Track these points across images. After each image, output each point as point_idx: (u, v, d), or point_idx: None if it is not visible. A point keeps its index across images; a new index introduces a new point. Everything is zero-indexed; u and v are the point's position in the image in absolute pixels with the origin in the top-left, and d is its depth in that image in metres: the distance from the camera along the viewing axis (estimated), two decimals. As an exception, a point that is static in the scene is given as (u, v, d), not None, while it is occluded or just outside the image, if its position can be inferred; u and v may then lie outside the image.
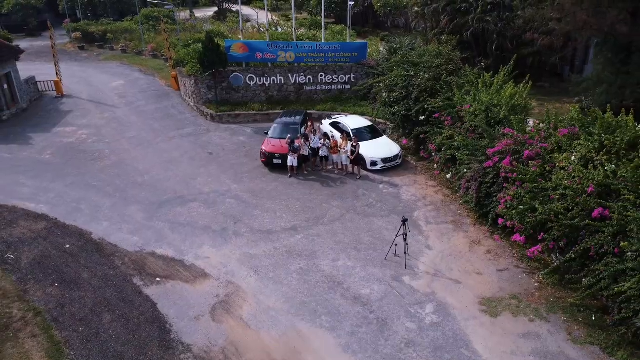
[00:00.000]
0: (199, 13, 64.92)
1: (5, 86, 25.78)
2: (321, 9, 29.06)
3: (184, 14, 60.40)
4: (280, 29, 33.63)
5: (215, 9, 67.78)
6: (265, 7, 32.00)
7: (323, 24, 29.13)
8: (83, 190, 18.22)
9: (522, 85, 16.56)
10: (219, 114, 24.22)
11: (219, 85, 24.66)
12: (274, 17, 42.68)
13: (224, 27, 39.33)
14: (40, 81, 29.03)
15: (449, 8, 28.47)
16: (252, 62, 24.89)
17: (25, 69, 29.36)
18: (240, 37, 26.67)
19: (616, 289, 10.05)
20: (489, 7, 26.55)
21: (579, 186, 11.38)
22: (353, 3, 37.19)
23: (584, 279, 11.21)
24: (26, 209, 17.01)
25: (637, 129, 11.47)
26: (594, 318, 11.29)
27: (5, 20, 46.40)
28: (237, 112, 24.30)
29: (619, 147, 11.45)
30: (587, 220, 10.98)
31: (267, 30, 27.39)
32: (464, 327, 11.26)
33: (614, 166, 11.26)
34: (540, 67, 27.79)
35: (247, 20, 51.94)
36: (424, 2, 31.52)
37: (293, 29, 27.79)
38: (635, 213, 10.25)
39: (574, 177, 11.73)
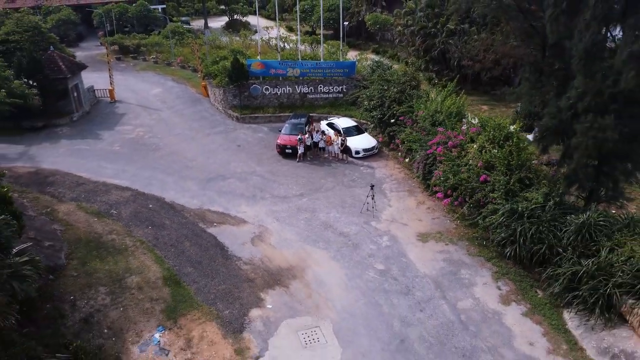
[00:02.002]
0: (211, 22, 71.82)
1: (75, 94, 33.14)
2: (321, 24, 36.45)
3: (198, 24, 67.70)
4: (287, 46, 40.96)
5: (226, 19, 74.96)
6: (277, 27, 39.27)
7: (322, 41, 36.45)
8: (150, 171, 25.61)
9: (459, 97, 23.98)
10: (242, 116, 31.61)
11: (242, 94, 32.02)
12: (282, 30, 49.86)
13: (239, 42, 46.67)
14: (97, 89, 36.37)
15: (422, 31, 35.88)
16: (267, 76, 32.20)
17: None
18: (258, 57, 34.00)
19: (488, 221, 17.43)
20: (452, 32, 33.90)
21: (475, 163, 18.78)
22: (347, 23, 44.58)
23: (478, 220, 18.56)
24: (113, 183, 24.40)
25: (508, 128, 18.85)
26: (484, 243, 18.59)
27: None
28: (256, 115, 31.70)
29: (499, 139, 18.85)
30: (477, 183, 18.38)
31: (279, 52, 34.71)
32: (405, 248, 18.65)
33: (495, 151, 18.64)
34: (493, 78, 35.04)
35: (256, 31, 59.26)
36: (404, 24, 38.99)
37: (298, 51, 35.09)
38: (501, 177, 17.65)
39: (474, 157, 19.13)
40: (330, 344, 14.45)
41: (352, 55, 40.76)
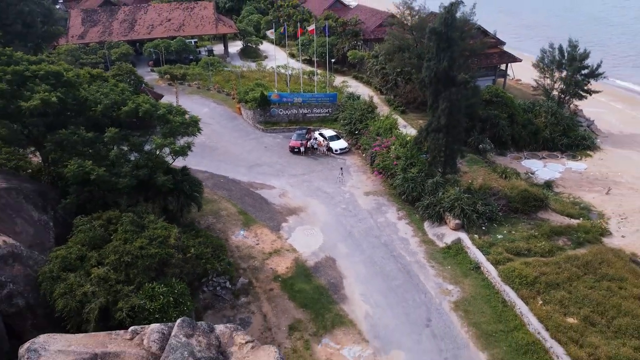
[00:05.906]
0: (229, 47, 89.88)
1: (157, 114, 51.46)
2: (315, 57, 54.72)
3: (218, 48, 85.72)
4: (292, 73, 59.31)
5: (240, 44, 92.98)
6: (288, 71, 57.70)
7: (316, 73, 54.80)
8: (217, 162, 44.01)
9: (394, 116, 42.61)
10: (266, 128, 50.06)
11: (265, 114, 50.48)
12: (287, 58, 67.87)
13: (256, 71, 65.05)
14: (167, 110, 54.58)
15: (382, 71, 54.44)
16: (281, 102, 50.60)
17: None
18: (275, 89, 52.52)
19: (396, 183, 35.97)
20: (399, 73, 52.37)
21: (393, 155, 37.37)
22: (334, 60, 63.07)
23: (392, 183, 37.01)
24: (197, 169, 42.60)
25: (406, 137, 37.49)
26: (396, 195, 37.08)
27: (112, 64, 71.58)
28: (274, 128, 50.16)
29: (405, 142, 37.46)
30: (392, 166, 36.91)
31: (287, 85, 53.23)
32: (357, 197, 37.25)
33: (402, 149, 37.22)
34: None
35: (266, 57, 77.51)
36: (372, 63, 57.55)
37: (301, 82, 53.60)
38: (402, 162, 36.24)
39: (392, 152, 37.72)
40: (318, 235, 33.08)
41: (338, 80, 59.19)
